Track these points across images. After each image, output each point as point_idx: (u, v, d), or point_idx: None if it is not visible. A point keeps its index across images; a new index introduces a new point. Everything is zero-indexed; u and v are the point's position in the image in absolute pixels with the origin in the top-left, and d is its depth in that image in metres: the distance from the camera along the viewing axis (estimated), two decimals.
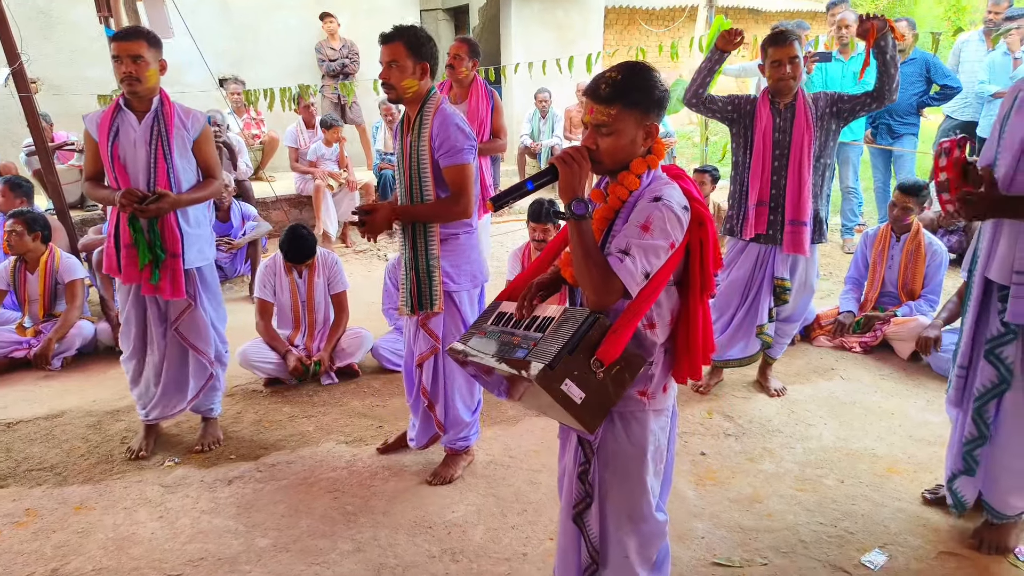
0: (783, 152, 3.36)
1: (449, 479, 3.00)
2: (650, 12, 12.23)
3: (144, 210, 2.88)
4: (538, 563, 2.50)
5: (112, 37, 2.90)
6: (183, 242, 3.05)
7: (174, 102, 3.05)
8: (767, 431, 3.39)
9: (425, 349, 2.88)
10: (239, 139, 7.10)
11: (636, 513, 1.84)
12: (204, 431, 3.41)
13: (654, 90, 1.67)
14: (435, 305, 2.78)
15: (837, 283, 5.24)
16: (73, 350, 4.43)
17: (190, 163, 3.08)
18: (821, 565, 2.46)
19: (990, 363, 2.35)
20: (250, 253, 5.81)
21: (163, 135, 2.97)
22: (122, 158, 2.96)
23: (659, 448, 1.84)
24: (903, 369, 4.04)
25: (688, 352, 1.79)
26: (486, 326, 1.90)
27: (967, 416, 2.45)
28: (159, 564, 2.55)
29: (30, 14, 6.80)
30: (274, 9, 8.74)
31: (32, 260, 4.48)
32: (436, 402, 2.95)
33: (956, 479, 2.51)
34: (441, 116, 2.66)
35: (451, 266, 2.79)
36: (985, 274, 2.33)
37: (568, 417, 1.61)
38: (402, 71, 2.62)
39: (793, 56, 3.23)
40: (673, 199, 1.66)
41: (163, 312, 3.18)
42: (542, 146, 8.71)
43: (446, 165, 2.67)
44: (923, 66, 5.96)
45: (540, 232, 4.21)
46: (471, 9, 10.83)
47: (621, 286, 1.61)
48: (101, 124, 2.97)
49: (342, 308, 4.22)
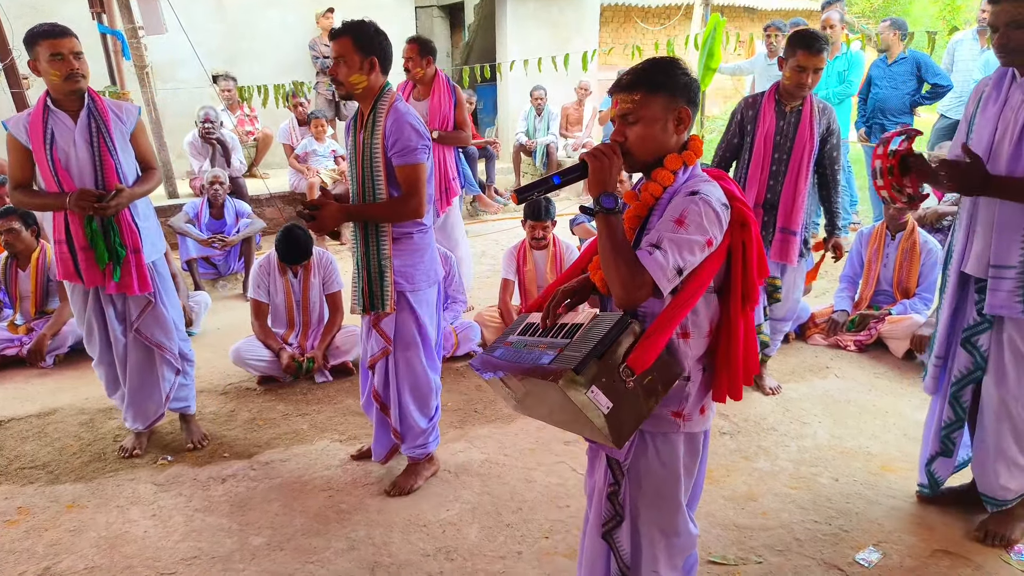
0: (783, 156, 3.35)
1: (409, 489, 2.90)
2: (646, 10, 12.23)
3: (104, 207, 2.82)
4: (533, 561, 2.50)
5: (43, 35, 2.78)
6: (141, 236, 3.00)
7: (101, 96, 2.97)
8: (762, 429, 3.39)
9: (377, 351, 2.81)
10: (233, 136, 7.07)
11: (670, 529, 1.78)
12: (188, 429, 3.37)
13: (679, 74, 1.60)
14: (386, 306, 2.70)
15: (832, 281, 5.25)
16: (66, 347, 4.40)
17: (130, 156, 3.02)
18: (816, 563, 2.46)
19: (966, 351, 2.45)
20: (244, 250, 5.79)
21: (103, 131, 2.88)
22: (63, 161, 2.85)
23: (690, 468, 1.78)
24: (898, 367, 4.05)
25: (728, 367, 1.66)
26: (512, 337, 1.79)
27: (944, 401, 2.56)
28: (152, 563, 2.54)
29: (21, 9, 6.76)
30: (268, 6, 8.71)
31: (24, 257, 4.45)
32: (389, 406, 2.87)
33: (934, 461, 2.63)
34: (395, 114, 2.61)
35: (404, 265, 2.72)
36: (961, 268, 2.41)
37: (594, 429, 1.49)
38: (349, 66, 2.58)
39: (819, 68, 3.19)
40: (712, 195, 1.56)
41: (121, 313, 3.12)
42: (537, 144, 8.71)
43: (399, 164, 2.62)
44: (914, 65, 5.99)
45: (540, 230, 4.20)
46: (466, 6, 10.81)
47: (651, 280, 1.51)
48: (32, 128, 2.84)
49: (337, 308, 4.20)
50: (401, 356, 2.81)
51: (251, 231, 5.81)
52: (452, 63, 11.47)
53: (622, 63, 10.72)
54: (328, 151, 7.25)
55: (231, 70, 7.83)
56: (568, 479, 2.99)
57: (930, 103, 6.32)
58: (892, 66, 6.06)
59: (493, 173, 8.38)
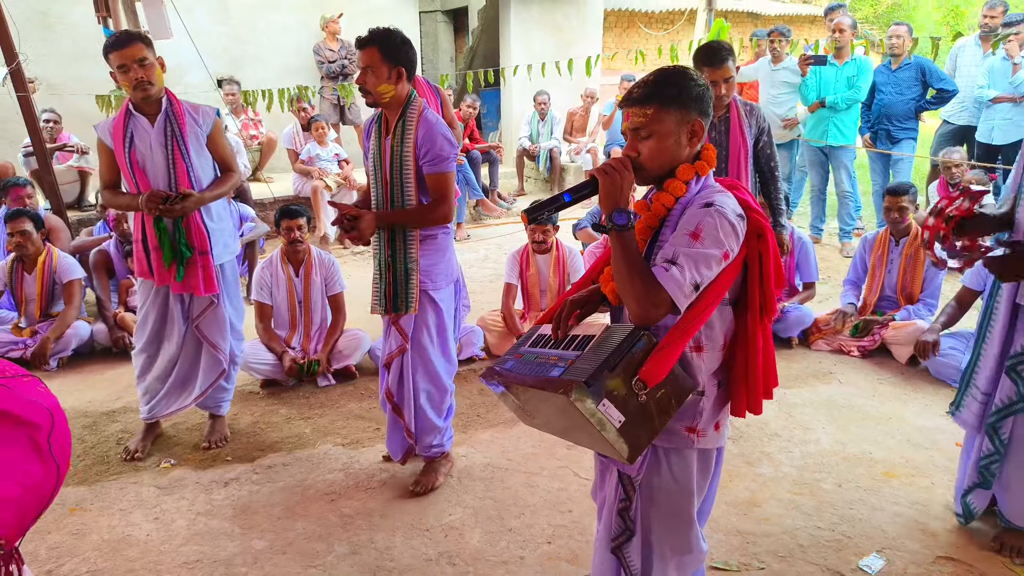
0: (721, 165, 3.34)
1: (432, 486, 2.94)
2: (649, 15, 12.26)
3: (170, 210, 2.91)
4: (535, 566, 2.49)
5: (110, 48, 2.84)
6: (210, 239, 3.07)
7: (181, 99, 3.05)
8: (765, 435, 3.38)
9: (394, 348, 2.85)
10: (237, 140, 7.09)
11: (682, 547, 1.76)
12: (212, 428, 3.41)
13: (692, 85, 1.57)
14: (411, 306, 2.75)
15: (836, 287, 5.24)
16: (69, 350, 4.41)
17: (206, 159, 3.11)
18: (819, 569, 2.46)
19: (1011, 379, 2.36)
20: (248, 254, 5.80)
21: (177, 135, 2.98)
22: (140, 163, 2.97)
23: (702, 485, 1.76)
24: (901, 373, 4.04)
25: (747, 381, 1.63)
26: (523, 349, 1.76)
27: (983, 435, 2.47)
28: (154, 566, 2.54)
29: (28, 14, 6.78)
30: (272, 10, 8.74)
31: (30, 260, 4.46)
32: (403, 407, 2.89)
33: (971, 492, 2.54)
34: (426, 125, 2.66)
35: (428, 265, 2.77)
36: (1018, 301, 2.31)
37: (605, 444, 1.46)
38: (377, 76, 2.61)
39: (728, 77, 3.18)
40: (727, 206, 1.53)
41: (186, 308, 3.20)
42: (540, 148, 8.71)
43: (430, 172, 2.67)
44: (918, 70, 5.98)
45: (539, 233, 4.21)
46: (470, 11, 10.84)
47: (668, 298, 1.48)
48: (115, 131, 2.97)
49: (339, 310, 4.21)
50: (418, 354, 2.84)
51: (255, 235, 5.82)
52: (456, 68, 11.50)
53: (625, 68, 10.73)
54: (331, 155, 7.27)
55: (235, 74, 7.86)
56: (571, 484, 2.98)
57: (935, 108, 6.31)
58: (896, 72, 6.05)
59: (496, 177, 8.39)
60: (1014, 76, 5.72)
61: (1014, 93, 5.78)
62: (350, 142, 8.42)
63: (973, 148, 6.31)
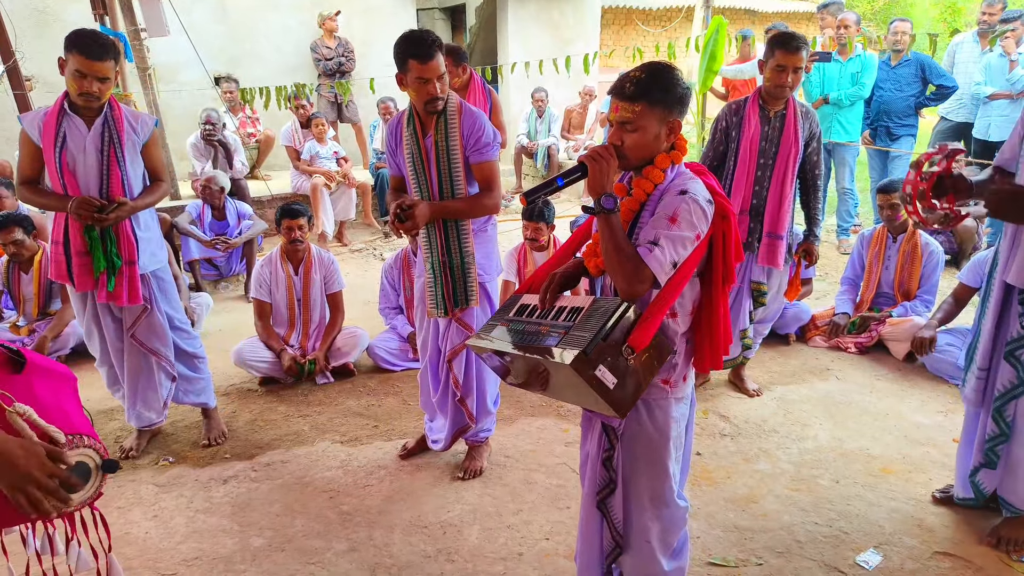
0: (768, 162, 3.35)
1: (479, 470, 3.04)
2: (647, 12, 12.26)
3: (103, 219, 2.82)
4: (534, 563, 2.50)
5: (74, 47, 2.71)
6: (138, 248, 3.00)
7: (121, 105, 2.95)
8: (762, 431, 3.39)
9: (458, 342, 2.89)
10: (235, 138, 7.08)
11: (659, 498, 1.90)
12: (208, 424, 3.41)
13: (677, 88, 1.73)
14: (471, 301, 2.80)
15: (833, 284, 5.25)
16: (67, 349, 4.41)
17: (139, 167, 3.01)
18: (816, 565, 2.46)
19: (1010, 364, 2.38)
20: (246, 252, 5.80)
21: (116, 141, 2.87)
22: (71, 165, 2.84)
23: (680, 434, 1.90)
24: (898, 370, 4.05)
25: (711, 341, 1.84)
26: (508, 317, 1.92)
27: (987, 415, 2.49)
28: (153, 564, 2.54)
29: (25, 11, 6.76)
30: (270, 8, 8.71)
31: (26, 260, 4.46)
32: (468, 395, 2.97)
33: (978, 472, 2.56)
34: (470, 115, 2.70)
35: (483, 257, 2.84)
36: (1004, 279, 2.33)
37: (600, 403, 1.64)
38: (449, 81, 2.65)
39: (799, 67, 3.18)
40: (699, 193, 1.72)
41: (118, 318, 3.13)
42: (539, 146, 8.71)
43: (477, 162, 2.70)
44: (918, 67, 5.98)
45: (531, 231, 4.24)
46: (468, 8, 10.83)
47: (651, 275, 1.66)
48: (45, 128, 2.83)
49: (338, 308, 4.21)
50: None
51: (253, 233, 5.82)
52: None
53: (623, 65, 10.73)
54: (330, 153, 7.26)
55: (233, 72, 7.83)
56: (569, 480, 2.99)
57: (935, 104, 6.31)
58: (896, 68, 6.05)
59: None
60: (1011, 73, 5.73)
61: (1011, 90, 5.78)
62: (347, 139, 8.41)
63: (971, 145, 6.32)
